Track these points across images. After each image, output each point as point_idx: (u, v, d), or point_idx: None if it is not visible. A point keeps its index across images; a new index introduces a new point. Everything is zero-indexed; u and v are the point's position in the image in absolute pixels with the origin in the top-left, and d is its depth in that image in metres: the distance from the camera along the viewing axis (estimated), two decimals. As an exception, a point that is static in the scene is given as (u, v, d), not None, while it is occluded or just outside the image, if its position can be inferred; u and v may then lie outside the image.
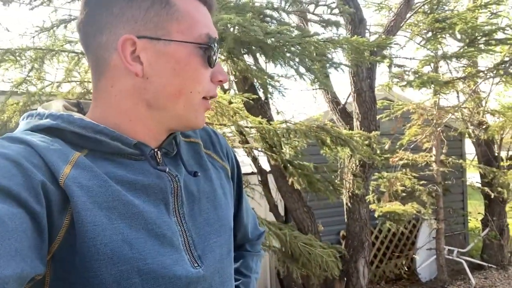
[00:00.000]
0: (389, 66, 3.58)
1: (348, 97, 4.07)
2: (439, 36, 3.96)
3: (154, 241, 0.55)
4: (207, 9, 0.62)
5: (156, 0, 0.57)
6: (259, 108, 3.24)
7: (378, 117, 3.76)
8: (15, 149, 0.49)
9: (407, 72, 3.74)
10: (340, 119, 3.86)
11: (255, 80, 3.05)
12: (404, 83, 3.56)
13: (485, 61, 4.43)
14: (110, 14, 0.56)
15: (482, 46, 3.91)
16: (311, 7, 2.76)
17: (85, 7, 0.58)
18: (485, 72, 3.91)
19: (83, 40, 0.60)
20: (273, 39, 1.99)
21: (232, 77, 3.21)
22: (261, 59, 2.80)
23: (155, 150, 0.61)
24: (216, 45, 0.60)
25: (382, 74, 4.87)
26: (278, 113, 3.45)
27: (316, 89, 4.25)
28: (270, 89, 2.97)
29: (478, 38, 3.83)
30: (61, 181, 0.50)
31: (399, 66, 3.60)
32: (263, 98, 3.34)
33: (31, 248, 0.45)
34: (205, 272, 0.60)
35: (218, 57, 0.62)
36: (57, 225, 0.49)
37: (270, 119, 3.21)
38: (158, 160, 0.61)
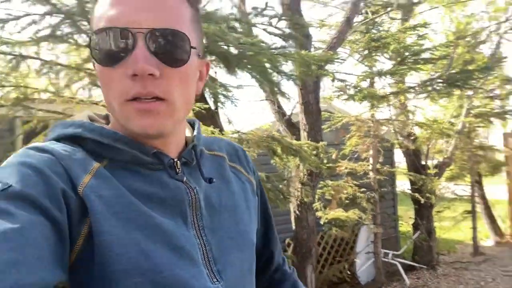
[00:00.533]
0: (332, 80, 3.79)
1: (293, 109, 4.23)
2: (374, 54, 4.30)
3: (172, 253, 0.53)
4: None
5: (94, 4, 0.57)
6: (210, 117, 3.23)
7: (322, 128, 3.95)
8: (38, 158, 0.50)
9: (347, 86, 3.99)
10: (286, 130, 3.99)
11: (206, 89, 3.04)
12: (346, 96, 3.79)
13: (411, 78, 4.87)
14: None
15: (411, 65, 4.32)
16: (274, 21, 2.86)
17: None
18: (416, 88, 4.31)
19: None
20: (241, 50, 2.02)
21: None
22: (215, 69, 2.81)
23: (174, 159, 0.60)
24: (101, 37, 0.52)
25: (323, 87, 5.13)
26: (229, 122, 3.47)
27: (263, 100, 4.36)
28: (222, 99, 2.99)
29: (408, 57, 4.23)
30: (80, 190, 0.50)
31: (341, 80, 3.83)
32: (213, 108, 3.35)
33: (53, 256, 0.44)
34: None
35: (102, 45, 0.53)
36: (76, 233, 0.49)
37: (221, 129, 3.23)
38: (177, 170, 0.59)
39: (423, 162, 5.50)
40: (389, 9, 4.36)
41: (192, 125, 0.69)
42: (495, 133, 7.78)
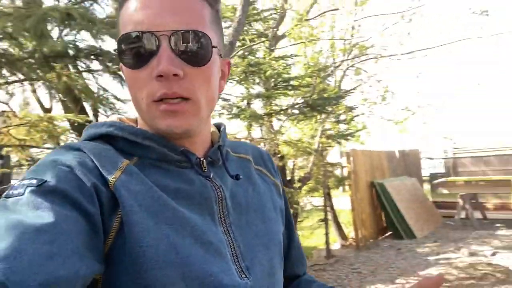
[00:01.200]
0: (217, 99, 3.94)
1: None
2: (250, 78, 4.68)
3: (201, 248, 0.54)
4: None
5: (119, 10, 0.60)
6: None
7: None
8: (71, 156, 0.53)
9: (230, 106, 4.22)
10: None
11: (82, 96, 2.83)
12: (231, 115, 4.00)
13: (278, 101, 5.46)
14: None
15: (282, 90, 4.86)
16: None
17: None
18: (287, 110, 4.84)
19: None
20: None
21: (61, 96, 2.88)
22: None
23: (201, 158, 0.61)
24: (127, 41, 0.55)
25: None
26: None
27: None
28: (102, 108, 2.82)
29: (280, 82, 4.75)
30: (111, 184, 0.52)
31: (225, 99, 4.03)
32: (94, 121, 3.12)
33: (88, 249, 0.46)
34: (253, 285, 0.57)
35: (141, 49, 0.55)
36: (108, 226, 0.50)
37: None
38: (204, 168, 0.61)
39: (288, 177, 6.14)
40: (263, 39, 4.82)
41: (218, 128, 0.71)
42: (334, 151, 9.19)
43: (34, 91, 4.61)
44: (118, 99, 2.77)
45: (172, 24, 0.54)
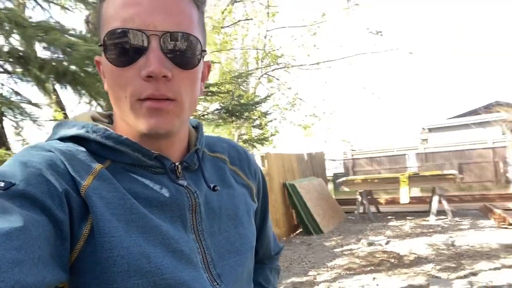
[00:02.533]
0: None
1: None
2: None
3: (172, 256, 0.53)
4: None
5: (98, 8, 0.57)
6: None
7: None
8: (42, 157, 0.50)
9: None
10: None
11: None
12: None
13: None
14: None
15: (205, 96, 4.95)
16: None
17: None
18: (210, 114, 4.93)
19: None
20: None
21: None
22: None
23: (176, 164, 0.60)
24: (115, 37, 0.53)
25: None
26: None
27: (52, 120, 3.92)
28: (11, 113, 2.64)
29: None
30: (82, 191, 0.50)
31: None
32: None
33: (54, 256, 0.44)
34: None
35: (130, 45, 0.52)
36: (77, 234, 0.49)
37: (8, 147, 2.85)
38: (178, 174, 0.60)
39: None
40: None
41: (195, 127, 0.69)
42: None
43: None
44: (33, 104, 2.59)
45: (163, 24, 0.52)
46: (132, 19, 0.52)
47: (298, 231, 7.95)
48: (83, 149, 0.55)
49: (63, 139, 0.57)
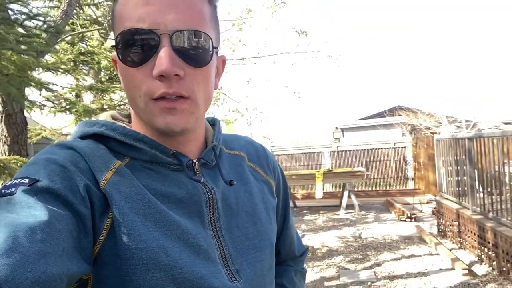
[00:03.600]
0: (39, 89, 3.42)
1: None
2: (82, 67, 4.24)
3: (190, 251, 0.54)
4: None
5: (112, 9, 0.58)
6: None
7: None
8: (63, 155, 0.52)
9: (55, 97, 3.71)
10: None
11: None
12: (59, 109, 3.52)
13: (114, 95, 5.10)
14: None
15: (116, 84, 4.57)
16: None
17: None
18: (121, 105, 4.57)
19: None
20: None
21: None
22: None
23: (193, 160, 0.61)
24: (127, 37, 0.53)
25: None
26: None
27: None
28: None
29: (115, 77, 4.46)
30: (102, 185, 0.52)
31: (50, 90, 3.52)
32: None
33: (77, 249, 0.46)
34: (244, 287, 0.58)
35: (138, 45, 0.53)
36: (98, 227, 0.50)
37: None
38: (196, 170, 0.61)
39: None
40: (98, 27, 4.42)
41: (212, 124, 0.70)
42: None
43: None
44: None
45: (173, 22, 0.53)
46: (143, 19, 0.53)
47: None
48: (102, 146, 0.57)
49: (84, 137, 0.59)
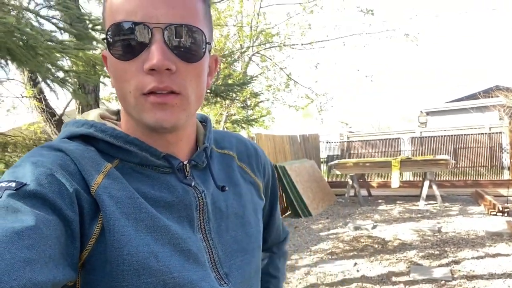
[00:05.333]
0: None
1: (66, 107, 3.88)
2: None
3: (180, 256, 0.54)
4: None
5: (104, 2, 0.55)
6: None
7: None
8: (52, 157, 0.51)
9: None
10: (56, 132, 3.62)
11: None
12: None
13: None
14: None
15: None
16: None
17: None
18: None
19: None
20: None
21: None
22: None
23: (184, 163, 0.60)
24: (118, 30, 0.52)
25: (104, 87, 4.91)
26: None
27: (25, 97, 3.77)
28: None
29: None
30: (92, 190, 0.51)
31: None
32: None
33: (64, 255, 0.45)
34: None
35: (134, 40, 0.51)
36: (88, 232, 0.49)
37: None
38: (186, 173, 0.60)
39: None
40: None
41: (202, 122, 0.69)
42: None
43: None
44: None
45: (166, 16, 0.51)
46: (135, 12, 0.51)
47: (287, 214, 7.92)
48: (92, 148, 0.56)
49: (72, 138, 0.57)
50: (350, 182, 8.22)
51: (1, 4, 2.08)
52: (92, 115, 0.62)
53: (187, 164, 0.61)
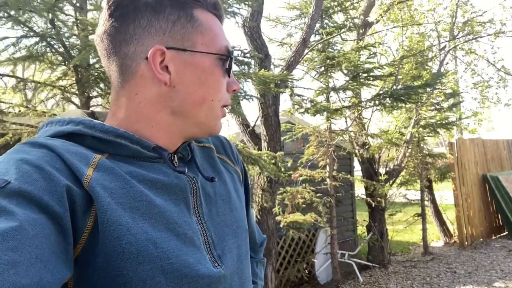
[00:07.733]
0: (290, 95, 4.13)
1: (256, 120, 4.54)
2: (329, 71, 4.71)
3: (177, 240, 0.55)
4: (221, 23, 0.67)
5: (181, 14, 0.61)
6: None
7: (282, 138, 4.29)
8: (36, 154, 0.50)
9: (304, 101, 4.35)
10: (250, 140, 4.27)
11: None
12: (303, 110, 4.14)
13: (366, 93, 5.33)
14: (138, 26, 0.59)
15: (362, 81, 4.76)
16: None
17: (109, 19, 0.60)
18: (365, 102, 4.74)
19: (106, 50, 0.61)
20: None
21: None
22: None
23: (172, 154, 0.63)
24: (233, 56, 0.65)
25: (285, 101, 5.49)
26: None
27: (228, 112, 4.63)
28: None
29: (360, 74, 4.67)
30: (85, 183, 0.50)
31: (298, 95, 4.18)
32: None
33: (55, 253, 0.44)
34: (225, 272, 0.60)
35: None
36: (80, 227, 0.49)
37: None
38: (175, 163, 0.63)
39: (376, 169, 5.94)
40: (342, 30, 4.78)
41: None
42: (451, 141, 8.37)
43: None
44: None
45: None
46: (226, 40, 0.65)
47: (502, 234, 6.62)
48: (78, 145, 0.55)
49: (56, 137, 0.56)
50: None
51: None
52: (75, 114, 0.63)
53: (175, 156, 0.63)
